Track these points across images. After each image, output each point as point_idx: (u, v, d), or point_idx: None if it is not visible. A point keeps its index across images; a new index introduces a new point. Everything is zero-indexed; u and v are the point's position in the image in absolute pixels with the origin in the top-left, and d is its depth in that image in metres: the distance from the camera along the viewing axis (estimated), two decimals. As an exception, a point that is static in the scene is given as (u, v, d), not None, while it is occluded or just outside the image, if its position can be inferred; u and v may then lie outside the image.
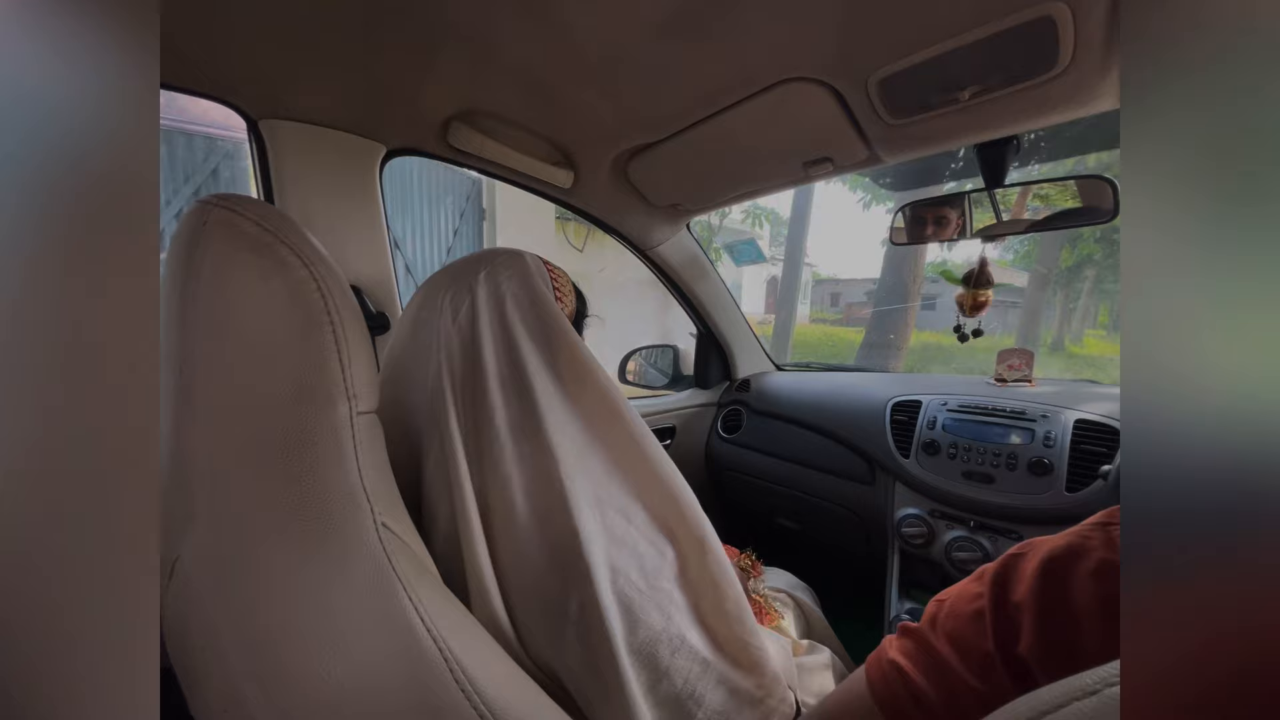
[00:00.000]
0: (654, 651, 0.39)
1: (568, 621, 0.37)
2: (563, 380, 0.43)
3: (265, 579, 0.28)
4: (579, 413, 0.42)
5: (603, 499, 0.40)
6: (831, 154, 0.79)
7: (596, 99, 0.71)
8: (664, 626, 0.39)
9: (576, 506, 0.38)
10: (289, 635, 0.28)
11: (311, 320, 0.30)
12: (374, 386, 0.35)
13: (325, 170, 0.73)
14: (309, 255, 0.31)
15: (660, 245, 1.22)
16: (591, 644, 0.37)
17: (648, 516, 0.42)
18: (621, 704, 0.36)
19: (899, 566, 0.98)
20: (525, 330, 0.43)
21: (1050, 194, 0.88)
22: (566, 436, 0.41)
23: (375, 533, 0.31)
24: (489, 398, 0.40)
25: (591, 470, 0.41)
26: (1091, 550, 0.29)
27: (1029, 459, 0.86)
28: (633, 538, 0.41)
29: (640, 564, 0.40)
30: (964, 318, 1.01)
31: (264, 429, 0.30)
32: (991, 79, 0.57)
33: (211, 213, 0.30)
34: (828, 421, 1.17)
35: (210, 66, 0.60)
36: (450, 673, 0.29)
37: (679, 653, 0.40)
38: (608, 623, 0.37)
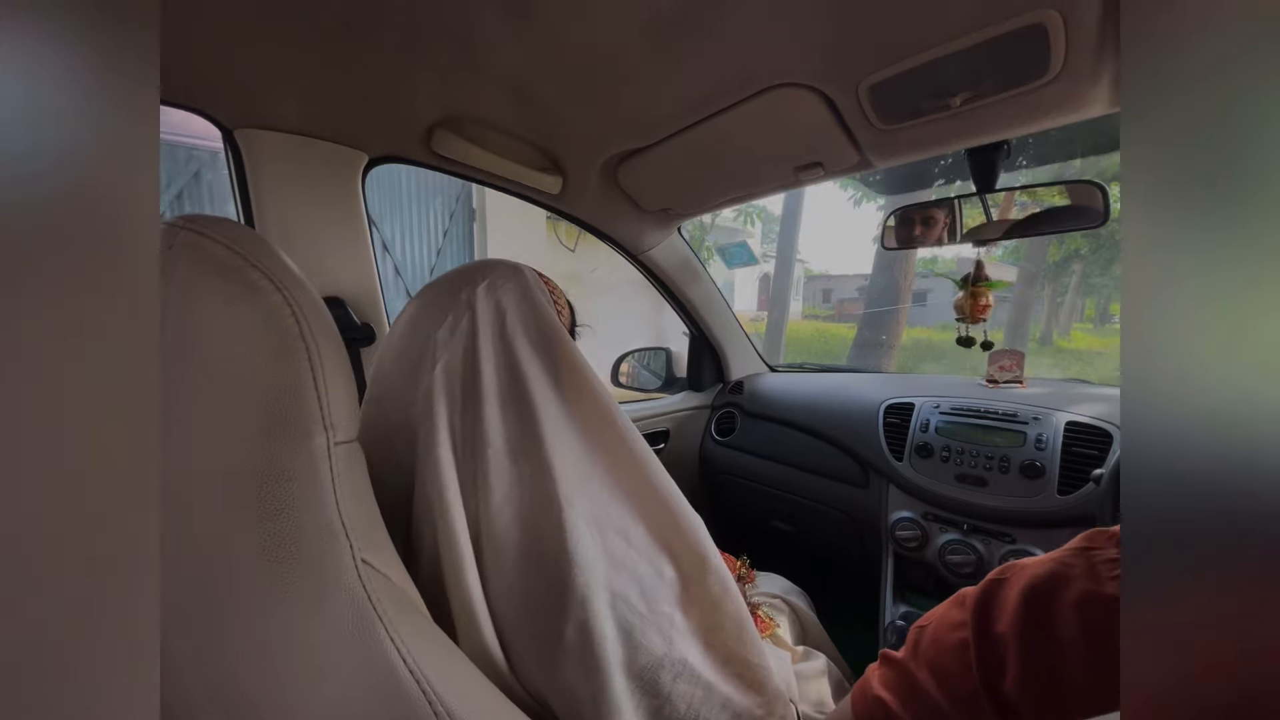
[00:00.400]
0: (655, 678, 0.38)
1: (563, 649, 0.36)
2: (562, 389, 0.42)
3: (236, 620, 0.27)
4: (577, 423, 0.42)
5: (601, 519, 0.39)
6: (822, 159, 0.78)
7: (584, 104, 0.70)
8: (665, 651, 0.38)
9: (575, 530, 0.37)
10: (259, 677, 0.26)
11: (285, 347, 0.29)
12: (354, 414, 0.34)
13: (305, 181, 0.71)
14: (282, 278, 0.30)
15: (652, 250, 1.21)
16: (589, 670, 0.36)
17: (647, 534, 0.41)
18: None
19: (893, 569, 0.98)
20: (528, 341, 0.42)
21: (1040, 198, 0.88)
22: (566, 449, 0.40)
23: (355, 570, 0.30)
24: (485, 418, 0.39)
25: (590, 488, 0.40)
26: (1073, 579, 0.29)
27: (1021, 462, 0.86)
28: (632, 560, 0.40)
29: (640, 586, 0.39)
30: (967, 324, 0.98)
31: (235, 463, 0.28)
32: (983, 85, 0.57)
33: (178, 235, 0.29)
34: (821, 424, 1.17)
35: (181, 74, 0.58)
36: (435, 715, 0.28)
37: (681, 677, 0.39)
38: (606, 650, 0.36)
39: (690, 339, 1.46)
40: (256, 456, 0.29)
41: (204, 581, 0.28)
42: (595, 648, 0.36)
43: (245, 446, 0.28)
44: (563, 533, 0.37)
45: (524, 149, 0.83)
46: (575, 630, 0.36)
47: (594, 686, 0.36)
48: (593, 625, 0.36)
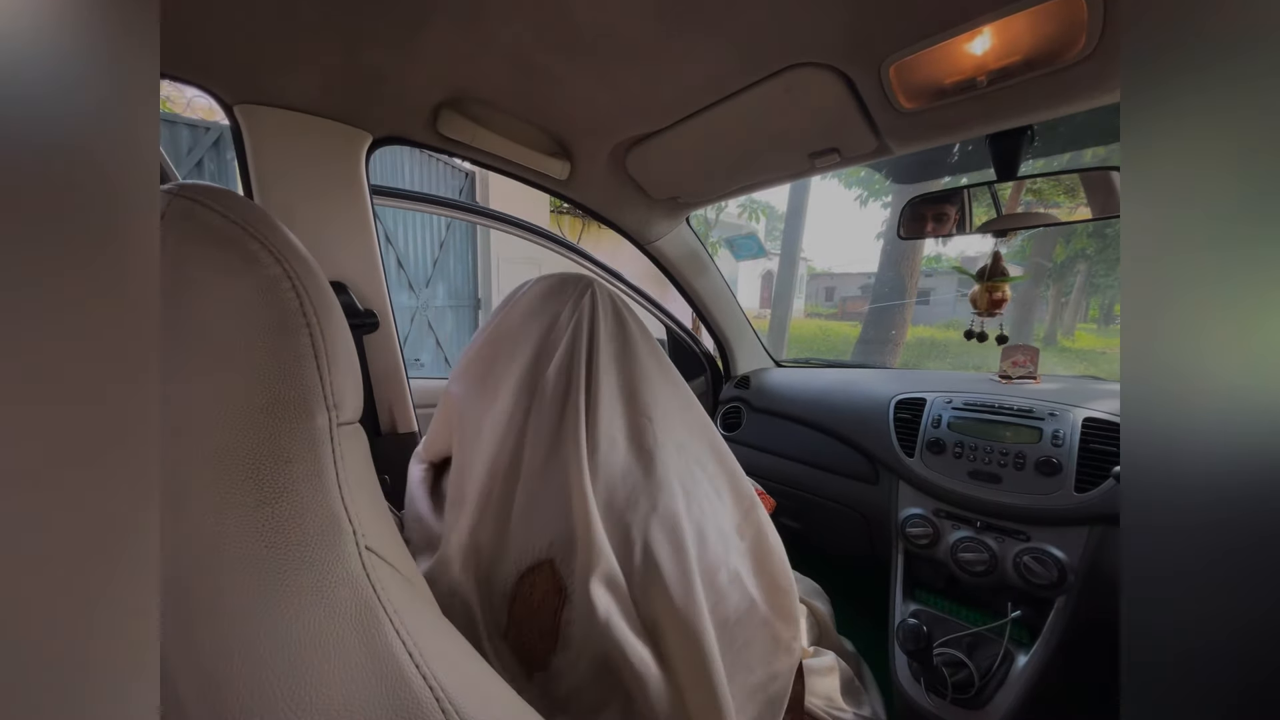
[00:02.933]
0: (714, 575, 0.44)
1: (657, 518, 0.44)
2: (654, 354, 0.53)
3: (228, 612, 0.25)
4: (666, 379, 0.52)
5: (683, 445, 0.49)
6: (839, 144, 0.76)
7: (594, 84, 0.68)
8: (724, 557, 0.46)
9: (663, 447, 0.47)
10: (252, 674, 0.25)
11: (285, 322, 0.27)
12: (357, 394, 0.32)
13: (308, 160, 0.69)
14: (282, 250, 0.28)
15: (659, 240, 1.18)
16: (675, 546, 0.42)
17: (716, 467, 0.51)
18: (693, 610, 0.41)
19: (903, 566, 0.96)
20: (631, 316, 0.53)
21: (1045, 188, 0.85)
22: (658, 396, 0.50)
23: (359, 559, 0.28)
24: (600, 366, 0.48)
25: (674, 426, 0.50)
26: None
27: (1037, 458, 0.84)
28: (702, 481, 0.49)
29: (708, 502, 0.48)
30: (981, 318, 0.96)
31: (230, 445, 0.27)
32: (1011, 64, 0.55)
33: (171, 203, 0.27)
34: (830, 419, 1.15)
35: (179, 48, 0.56)
36: (444, 715, 0.26)
37: (734, 583, 0.46)
38: (686, 533, 0.43)
39: (668, 333, 1.50)
40: (253, 437, 0.27)
41: (195, 571, 0.26)
42: (677, 528, 0.43)
43: (241, 426, 0.27)
44: (653, 444, 0.47)
45: (532, 132, 0.81)
46: (660, 514, 0.44)
47: (672, 564, 0.42)
48: (674, 510, 0.44)
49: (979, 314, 0.95)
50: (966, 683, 0.75)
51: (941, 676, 0.76)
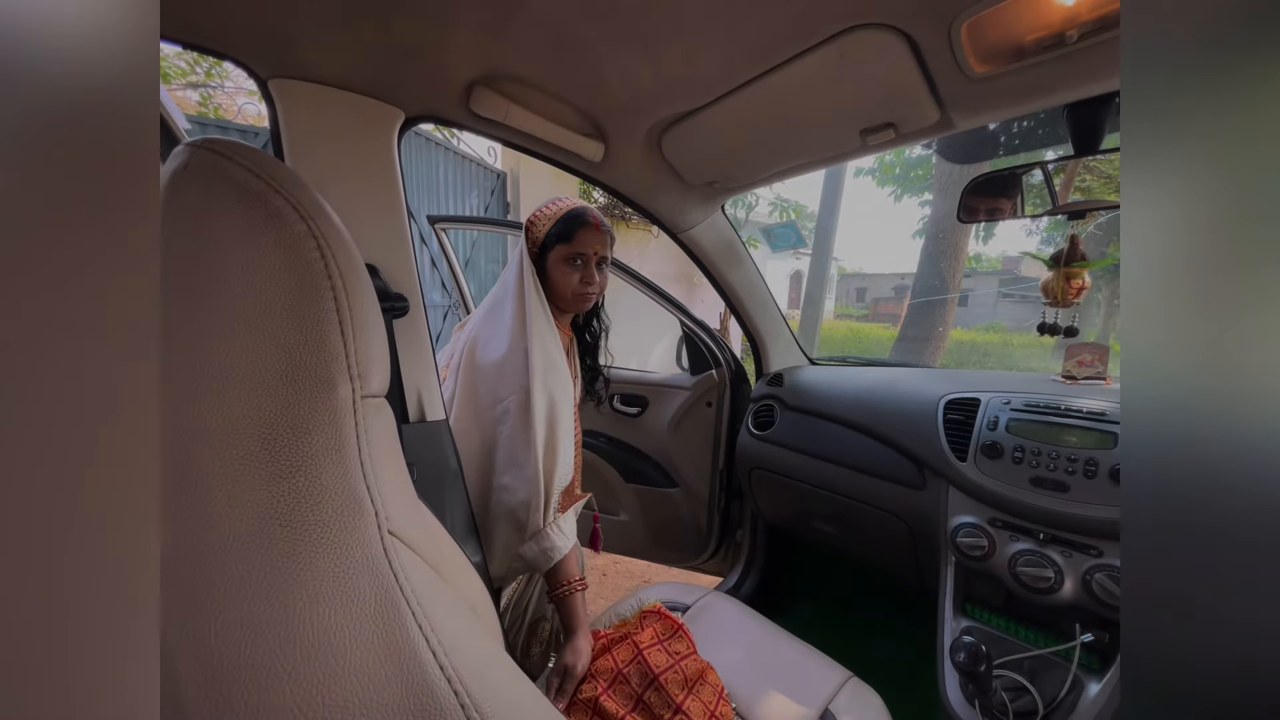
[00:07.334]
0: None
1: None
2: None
3: (238, 599, 0.23)
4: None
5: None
6: (895, 118, 0.70)
7: (632, 58, 0.64)
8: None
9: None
10: (261, 674, 0.22)
11: (308, 284, 0.25)
12: (384, 366, 0.30)
13: (340, 135, 0.68)
14: (309, 208, 0.26)
15: (693, 228, 1.14)
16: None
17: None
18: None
19: (953, 579, 0.89)
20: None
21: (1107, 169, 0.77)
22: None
23: (380, 543, 0.25)
24: None
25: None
26: None
27: (1112, 465, 0.76)
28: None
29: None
30: (1054, 308, 0.87)
31: (245, 413, 0.24)
32: (1112, 12, 0.48)
33: (195, 156, 0.25)
34: (872, 420, 1.09)
35: (215, 22, 0.56)
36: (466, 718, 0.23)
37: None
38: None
39: (682, 329, 1.50)
40: (270, 405, 0.24)
41: (201, 553, 0.23)
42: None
43: (257, 393, 0.24)
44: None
45: (566, 111, 0.78)
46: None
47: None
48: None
49: (1052, 304, 0.86)
50: (1029, 710, 0.69)
51: (1001, 701, 0.69)
